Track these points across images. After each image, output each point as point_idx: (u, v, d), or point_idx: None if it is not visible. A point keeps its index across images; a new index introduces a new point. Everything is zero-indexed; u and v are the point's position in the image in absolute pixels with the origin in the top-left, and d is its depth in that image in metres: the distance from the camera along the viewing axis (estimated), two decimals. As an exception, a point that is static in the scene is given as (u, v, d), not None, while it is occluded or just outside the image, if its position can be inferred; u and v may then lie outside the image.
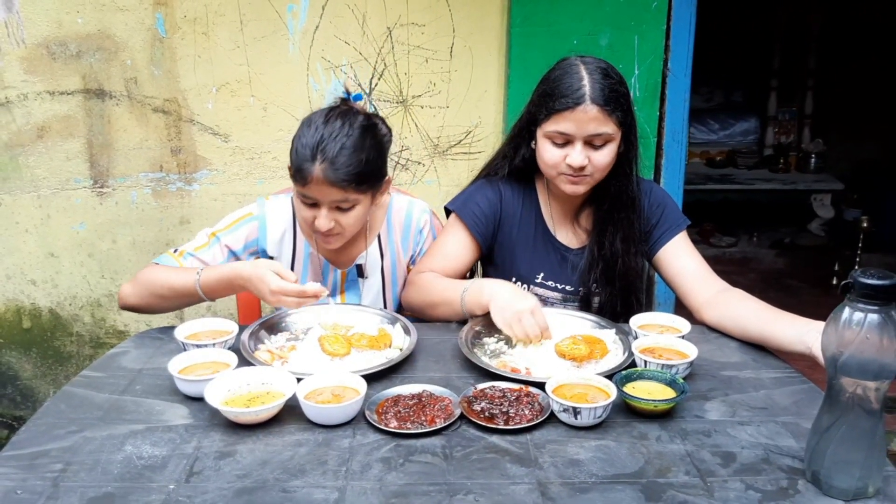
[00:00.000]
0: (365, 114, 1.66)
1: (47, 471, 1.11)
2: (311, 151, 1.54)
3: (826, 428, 1.05)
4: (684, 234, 1.78)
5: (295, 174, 1.58)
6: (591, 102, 1.57)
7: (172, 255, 1.69)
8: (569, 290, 1.78)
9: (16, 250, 2.64)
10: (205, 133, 2.57)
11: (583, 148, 1.60)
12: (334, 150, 1.54)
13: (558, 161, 1.63)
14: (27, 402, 2.80)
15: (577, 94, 1.57)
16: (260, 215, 1.76)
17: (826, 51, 5.53)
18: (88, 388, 1.37)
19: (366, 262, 1.82)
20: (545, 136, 1.64)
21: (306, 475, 1.10)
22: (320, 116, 1.60)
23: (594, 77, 1.58)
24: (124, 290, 1.66)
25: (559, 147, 1.63)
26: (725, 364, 1.49)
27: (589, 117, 1.57)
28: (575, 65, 1.62)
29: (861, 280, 0.99)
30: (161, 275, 1.63)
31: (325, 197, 1.57)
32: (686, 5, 2.54)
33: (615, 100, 1.59)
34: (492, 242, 1.81)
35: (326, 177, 1.54)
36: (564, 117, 1.59)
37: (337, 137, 1.55)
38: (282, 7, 2.47)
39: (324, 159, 1.54)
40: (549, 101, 1.61)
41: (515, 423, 1.22)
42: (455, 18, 2.52)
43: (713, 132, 5.74)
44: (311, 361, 1.46)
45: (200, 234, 1.75)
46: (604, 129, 1.59)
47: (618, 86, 1.61)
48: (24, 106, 2.50)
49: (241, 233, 1.75)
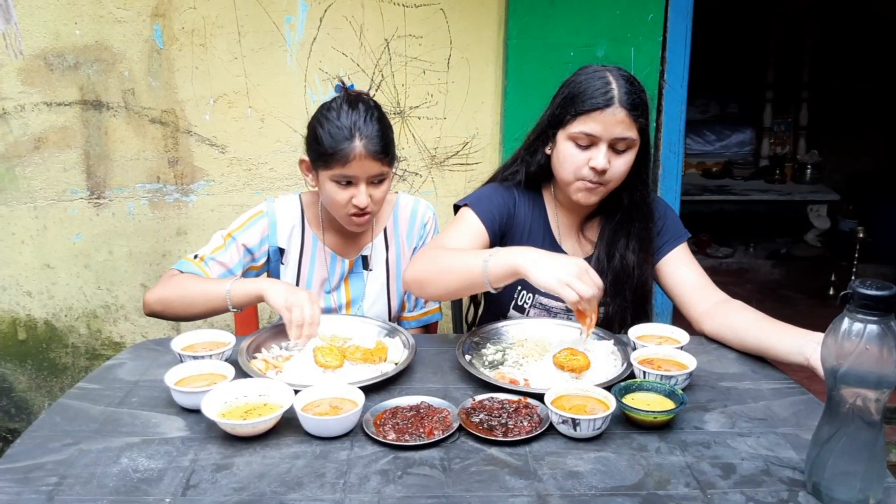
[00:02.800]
0: (372, 98, 1.75)
1: (42, 484, 1.10)
2: (349, 131, 1.64)
3: (826, 439, 1.05)
4: (685, 245, 1.78)
5: (332, 156, 1.64)
6: (619, 105, 1.58)
7: (192, 260, 1.75)
8: None
9: (12, 261, 2.63)
10: (202, 144, 2.57)
11: (607, 151, 1.60)
12: (369, 127, 1.65)
13: (580, 164, 1.62)
14: (22, 415, 2.78)
15: (606, 95, 1.58)
16: (270, 212, 1.83)
17: (821, 63, 5.56)
18: (84, 400, 1.36)
19: (371, 253, 1.87)
20: (569, 137, 1.63)
21: (304, 488, 1.09)
22: (342, 102, 1.69)
23: (620, 82, 1.60)
24: (152, 299, 1.70)
25: (583, 149, 1.62)
26: (724, 375, 1.48)
27: (617, 119, 1.58)
28: (600, 70, 1.63)
29: (860, 291, 0.99)
30: (192, 283, 1.68)
31: (364, 172, 1.66)
32: (682, 17, 2.55)
33: (641, 106, 1.61)
34: (498, 244, 1.79)
35: (368, 150, 1.64)
36: (593, 118, 1.59)
37: (366, 117, 1.66)
38: (280, 19, 2.48)
39: (362, 136, 1.64)
40: (577, 102, 1.61)
41: (514, 434, 1.22)
42: (452, 30, 2.53)
43: (709, 143, 5.77)
44: (305, 372, 1.45)
45: (215, 236, 1.81)
46: (629, 134, 1.60)
47: (642, 94, 1.63)
48: (21, 117, 2.49)
49: (255, 229, 1.81)
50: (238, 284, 1.64)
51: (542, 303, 1.78)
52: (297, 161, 1.79)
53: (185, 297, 1.67)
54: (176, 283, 1.70)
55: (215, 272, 1.75)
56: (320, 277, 1.85)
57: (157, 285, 1.72)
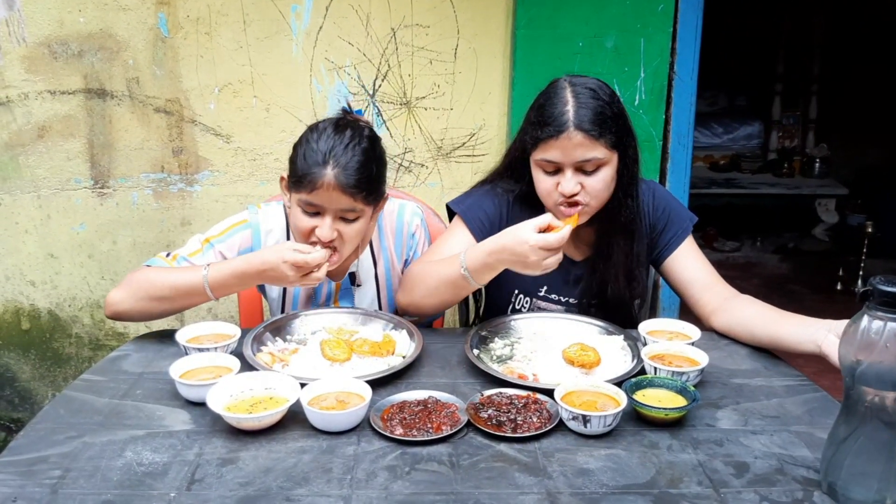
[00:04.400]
0: (369, 127, 1.64)
1: (46, 477, 1.08)
2: (324, 157, 1.52)
3: (843, 439, 1.03)
4: (690, 238, 1.75)
5: (300, 180, 1.54)
6: (574, 129, 1.51)
7: (165, 258, 1.63)
8: (572, 302, 1.75)
9: (15, 251, 2.62)
10: (207, 134, 2.55)
11: (573, 174, 1.55)
12: (347, 156, 1.53)
13: (551, 189, 1.58)
14: (25, 404, 2.77)
15: (559, 120, 1.52)
16: (254, 223, 1.72)
17: (830, 56, 5.53)
18: (88, 392, 1.35)
19: (358, 269, 1.78)
20: (536, 164, 1.60)
21: (310, 483, 1.08)
22: (329, 125, 1.58)
23: (580, 100, 1.53)
24: (114, 296, 1.57)
25: (550, 175, 1.58)
26: (736, 371, 1.46)
27: (574, 144, 1.52)
28: (562, 88, 1.57)
29: (881, 288, 0.97)
30: (160, 275, 1.56)
31: (332, 204, 1.54)
32: (693, 9, 2.52)
33: (602, 123, 1.53)
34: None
35: (339, 182, 1.51)
36: (550, 145, 1.53)
37: (349, 145, 1.54)
38: (285, 7, 2.45)
39: (336, 165, 1.51)
40: (536, 129, 1.56)
41: (523, 430, 1.20)
42: (460, 20, 2.50)
43: (717, 136, 5.74)
44: (312, 365, 1.44)
45: (192, 239, 1.69)
46: (592, 155, 1.53)
47: (606, 107, 1.54)
48: (24, 105, 2.48)
49: (234, 240, 1.70)
50: (216, 267, 1.54)
51: (540, 306, 1.75)
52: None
53: (154, 289, 1.54)
54: (143, 276, 1.57)
55: None
56: (306, 294, 1.77)
57: (122, 283, 1.58)
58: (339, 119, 1.61)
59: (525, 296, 1.75)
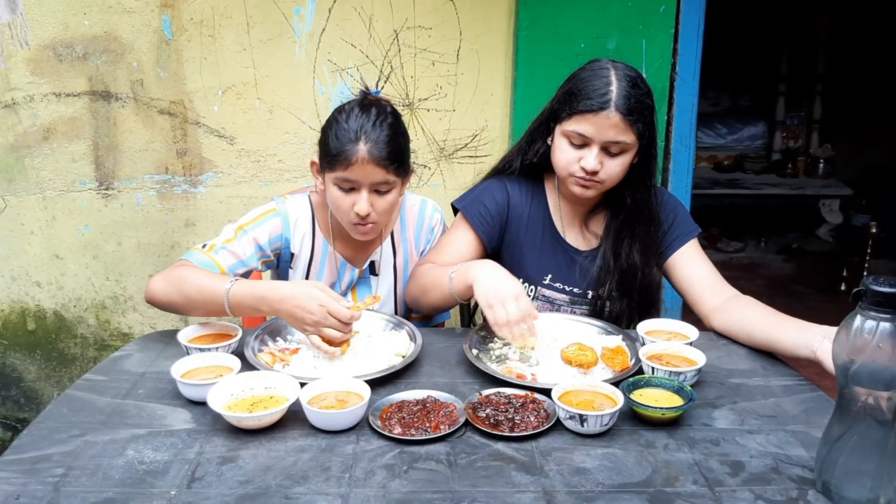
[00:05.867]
0: (391, 104, 1.70)
1: (48, 475, 1.10)
2: (356, 133, 1.59)
3: (837, 438, 1.03)
4: (695, 241, 1.76)
5: (334, 158, 1.60)
6: (614, 109, 1.55)
7: (202, 250, 1.66)
8: (577, 292, 1.77)
9: (21, 252, 2.64)
10: (210, 135, 2.56)
11: (599, 153, 1.59)
12: (377, 132, 1.59)
13: (571, 161, 1.62)
14: (31, 405, 2.79)
15: (602, 98, 1.56)
16: (282, 211, 1.78)
17: (834, 56, 5.51)
18: (91, 391, 1.36)
19: (379, 258, 1.84)
20: (563, 134, 1.63)
21: (309, 482, 1.09)
22: (355, 105, 1.65)
23: (622, 84, 1.57)
24: (154, 285, 1.60)
25: (575, 148, 1.61)
26: (734, 371, 1.47)
27: (610, 123, 1.56)
28: (605, 68, 1.61)
29: (873, 288, 0.97)
30: (194, 275, 1.57)
31: (367, 178, 1.60)
32: (694, 9, 2.53)
33: (639, 111, 1.57)
34: (498, 243, 1.79)
35: (371, 156, 1.58)
36: (586, 119, 1.57)
37: (376, 122, 1.60)
38: (288, 10, 2.47)
39: (367, 140, 1.58)
40: (574, 100, 1.59)
41: (521, 430, 1.21)
42: (462, 21, 2.51)
43: (721, 136, 5.73)
44: (312, 365, 1.45)
45: (226, 228, 1.74)
46: (622, 138, 1.58)
47: (644, 97, 1.59)
48: (29, 107, 2.50)
49: (265, 227, 1.75)
50: (241, 283, 1.53)
51: (545, 295, 1.77)
52: (309, 162, 1.75)
53: (185, 285, 1.55)
54: (181, 271, 1.59)
55: (227, 262, 1.66)
56: (328, 283, 1.81)
57: (165, 271, 1.62)
58: (363, 99, 1.68)
59: (530, 284, 1.78)
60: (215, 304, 1.53)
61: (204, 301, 1.54)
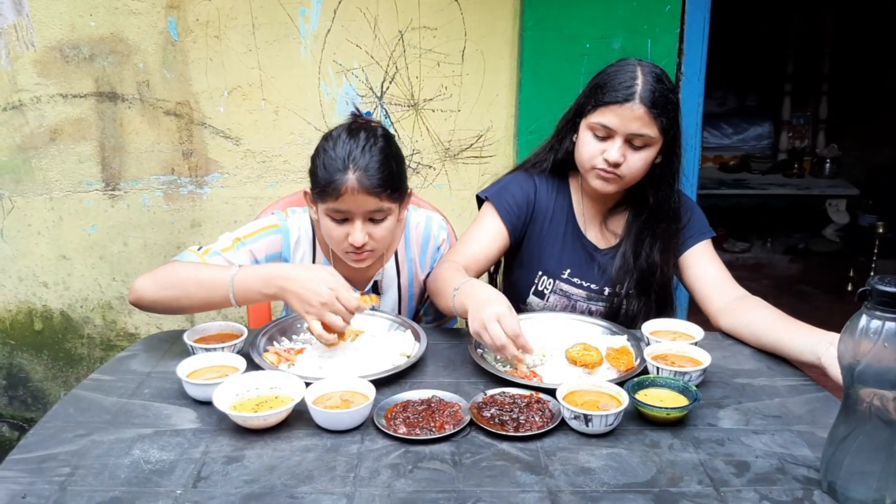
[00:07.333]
0: (381, 126, 1.65)
1: (55, 475, 1.10)
2: (343, 162, 1.53)
3: (842, 438, 1.03)
4: (708, 242, 1.77)
5: (324, 189, 1.54)
6: (639, 101, 1.57)
7: (197, 252, 1.61)
8: (594, 288, 1.77)
9: (28, 252, 2.65)
10: (216, 136, 2.57)
11: (622, 145, 1.60)
12: (366, 158, 1.53)
13: (595, 154, 1.63)
14: (38, 404, 2.80)
15: (628, 90, 1.57)
16: (283, 228, 1.72)
17: (841, 55, 5.49)
18: (97, 391, 1.37)
19: (382, 278, 1.79)
20: (588, 126, 1.64)
21: (314, 481, 1.09)
22: (342, 131, 1.59)
23: (647, 79, 1.58)
24: (140, 284, 1.52)
25: (599, 140, 1.63)
26: (739, 371, 1.47)
27: (634, 115, 1.57)
28: (632, 64, 1.63)
29: (879, 287, 0.97)
30: (188, 269, 1.53)
31: (359, 207, 1.55)
32: (700, 9, 2.52)
33: (663, 105, 1.59)
34: (521, 235, 1.80)
35: (361, 184, 1.52)
36: (611, 110, 1.59)
37: (365, 147, 1.54)
38: (294, 11, 2.47)
39: (356, 168, 1.52)
40: (600, 92, 1.61)
41: (525, 430, 1.21)
42: (467, 22, 2.51)
43: (727, 137, 5.72)
44: (318, 365, 1.45)
45: (223, 237, 1.67)
46: (646, 131, 1.59)
47: (669, 93, 1.61)
48: (36, 109, 2.51)
49: (264, 243, 1.69)
50: (245, 269, 1.48)
51: (563, 289, 1.78)
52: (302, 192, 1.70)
53: (179, 280, 1.51)
54: (172, 267, 1.54)
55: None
56: None
57: (152, 271, 1.55)
58: (351, 123, 1.62)
59: (549, 277, 1.78)
60: (217, 295, 1.49)
61: (205, 292, 1.50)
